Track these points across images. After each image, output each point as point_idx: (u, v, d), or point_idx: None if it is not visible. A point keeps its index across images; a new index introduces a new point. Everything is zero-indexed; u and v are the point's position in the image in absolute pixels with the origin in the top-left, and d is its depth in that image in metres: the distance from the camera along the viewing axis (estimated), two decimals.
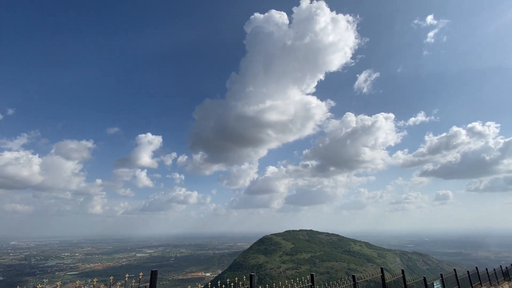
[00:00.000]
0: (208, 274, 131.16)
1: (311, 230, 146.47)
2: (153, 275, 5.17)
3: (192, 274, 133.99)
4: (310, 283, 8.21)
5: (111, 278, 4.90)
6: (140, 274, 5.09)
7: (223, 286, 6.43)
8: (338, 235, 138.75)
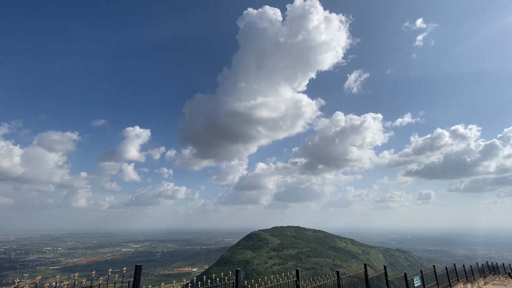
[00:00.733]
0: (195, 269, 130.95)
1: (298, 226, 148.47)
2: (137, 269, 5.10)
3: (179, 269, 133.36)
4: (296, 278, 8.33)
5: (94, 272, 4.80)
6: (124, 268, 5.01)
7: (209, 281, 6.42)
8: (324, 232, 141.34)
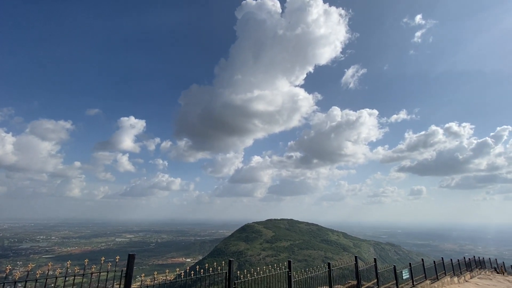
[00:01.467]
0: (188, 260, 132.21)
1: (292, 219, 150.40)
2: (130, 258, 5.12)
3: (173, 259, 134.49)
4: (288, 269, 8.47)
5: (86, 261, 4.81)
6: (117, 257, 5.03)
7: (202, 270, 6.50)
8: (317, 225, 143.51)
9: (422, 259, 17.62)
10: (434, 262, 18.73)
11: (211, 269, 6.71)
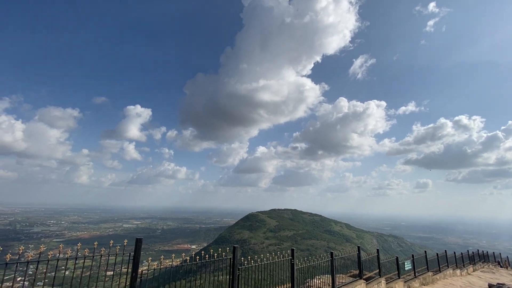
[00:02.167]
0: (193, 246, 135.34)
1: (296, 209, 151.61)
2: (137, 242, 5.27)
3: (178, 246, 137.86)
4: (290, 257, 8.60)
5: (95, 243, 4.97)
6: (125, 241, 5.18)
7: (207, 256, 6.64)
8: (320, 216, 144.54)
9: (425, 251, 17.69)
10: (437, 254, 18.79)
11: (215, 254, 6.86)
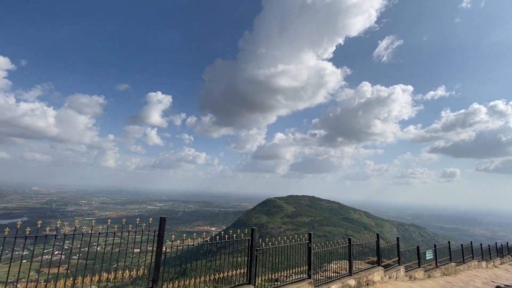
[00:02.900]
0: (213, 229, 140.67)
1: (313, 196, 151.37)
2: (162, 221, 5.59)
3: (199, 227, 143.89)
4: (308, 241, 8.70)
5: (124, 220, 5.32)
6: (150, 219, 5.49)
7: (226, 236, 6.91)
8: (339, 203, 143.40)
9: (449, 242, 17.13)
10: (462, 245, 18.14)
11: (235, 235, 7.10)
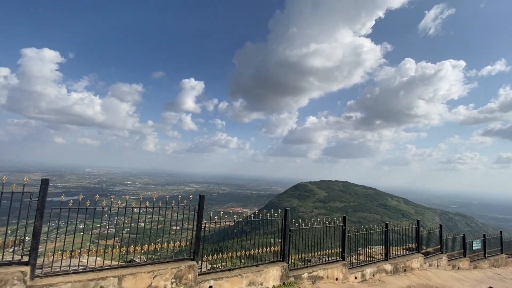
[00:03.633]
0: (246, 210, 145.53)
1: (347, 181, 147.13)
2: (201, 198, 5.97)
3: (232, 208, 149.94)
4: (342, 224, 8.63)
5: (167, 196, 5.78)
6: (190, 196, 5.89)
7: (260, 215, 7.15)
8: (375, 189, 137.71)
9: (501, 232, 15.70)
10: None
11: (268, 214, 7.31)
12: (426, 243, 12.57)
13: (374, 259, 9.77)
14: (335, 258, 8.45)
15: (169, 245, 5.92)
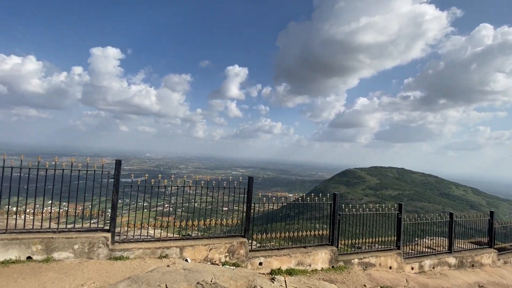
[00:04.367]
0: (290, 195, 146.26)
1: (403, 168, 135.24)
2: (250, 180, 6.20)
3: (277, 193, 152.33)
4: (397, 211, 8.08)
5: (220, 177, 6.15)
6: (240, 178, 6.16)
7: (308, 199, 7.12)
8: (436, 177, 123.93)
9: None
10: None
11: (316, 198, 7.23)
12: (500, 238, 11.02)
13: (434, 250, 8.99)
14: (388, 246, 8.03)
15: (222, 221, 6.38)
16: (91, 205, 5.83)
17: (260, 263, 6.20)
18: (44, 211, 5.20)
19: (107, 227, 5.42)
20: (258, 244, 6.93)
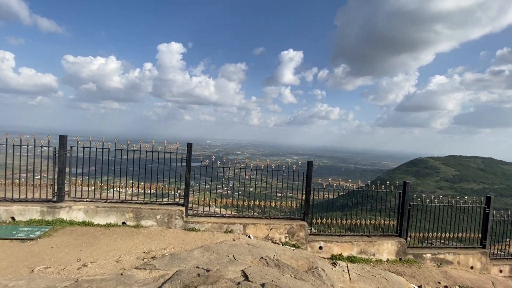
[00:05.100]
0: (347, 184, 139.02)
1: (491, 158, 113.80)
2: (309, 164, 6.15)
3: (334, 181, 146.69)
4: (485, 205, 6.95)
5: (278, 161, 6.27)
6: (299, 161, 6.15)
7: (374, 186, 6.69)
8: None
9: None
10: None
11: (383, 186, 6.75)
12: None
13: None
14: (468, 244, 7.04)
15: (281, 203, 6.55)
16: (169, 183, 6.67)
17: (320, 247, 6.21)
18: (133, 186, 6.22)
19: (181, 202, 6.17)
20: (315, 231, 6.90)
